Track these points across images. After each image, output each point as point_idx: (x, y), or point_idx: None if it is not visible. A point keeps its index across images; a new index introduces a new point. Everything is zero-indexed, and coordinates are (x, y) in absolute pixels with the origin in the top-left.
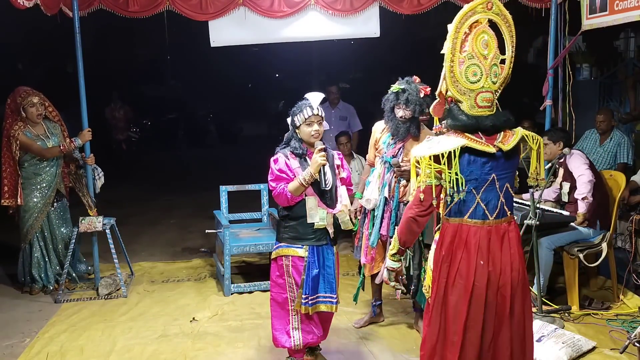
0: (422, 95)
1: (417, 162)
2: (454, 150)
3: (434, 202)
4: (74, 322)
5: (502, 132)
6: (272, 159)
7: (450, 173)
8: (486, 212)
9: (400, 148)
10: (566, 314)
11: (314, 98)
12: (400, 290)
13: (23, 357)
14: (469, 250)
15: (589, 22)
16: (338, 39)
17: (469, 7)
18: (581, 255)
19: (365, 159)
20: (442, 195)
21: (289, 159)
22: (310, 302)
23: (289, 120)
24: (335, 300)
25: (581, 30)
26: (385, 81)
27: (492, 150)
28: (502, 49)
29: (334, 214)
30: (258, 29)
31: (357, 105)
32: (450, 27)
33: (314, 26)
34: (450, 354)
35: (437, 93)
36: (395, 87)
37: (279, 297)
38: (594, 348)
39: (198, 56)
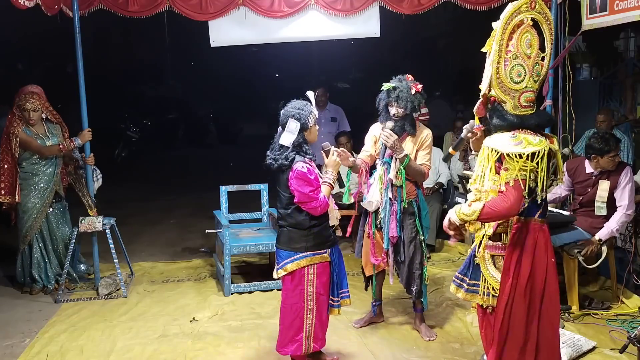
0: (413, 92)
1: (508, 156)
2: (544, 149)
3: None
4: (74, 322)
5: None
6: (301, 171)
7: (542, 172)
8: (545, 210)
9: None
10: (566, 314)
11: (312, 97)
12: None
13: (23, 357)
14: (540, 248)
15: (589, 22)
16: (338, 39)
17: (514, 7)
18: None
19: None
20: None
21: (312, 167)
22: (339, 303)
23: (293, 125)
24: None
25: (581, 30)
26: (385, 81)
27: (556, 148)
28: (541, 47)
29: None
30: (258, 29)
31: (358, 105)
32: (497, 28)
33: (314, 26)
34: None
35: (481, 94)
36: (386, 85)
37: (294, 307)
38: (594, 348)
39: (198, 56)
